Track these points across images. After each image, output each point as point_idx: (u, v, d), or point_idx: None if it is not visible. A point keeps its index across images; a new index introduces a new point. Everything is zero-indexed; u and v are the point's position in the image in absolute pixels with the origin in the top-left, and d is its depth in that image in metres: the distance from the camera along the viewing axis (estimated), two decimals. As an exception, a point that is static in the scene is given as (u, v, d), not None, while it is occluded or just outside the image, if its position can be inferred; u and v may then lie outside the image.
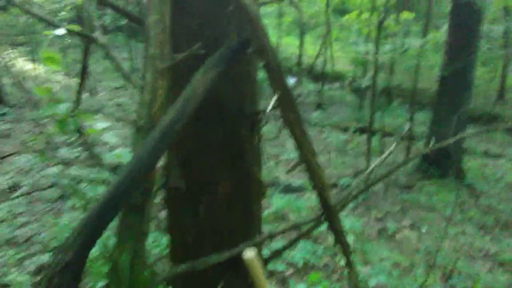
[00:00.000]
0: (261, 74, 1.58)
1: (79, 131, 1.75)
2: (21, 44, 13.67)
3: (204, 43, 1.39)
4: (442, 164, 7.00)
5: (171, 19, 1.36)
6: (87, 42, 2.04)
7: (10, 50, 12.97)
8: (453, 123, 6.00)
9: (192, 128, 1.48)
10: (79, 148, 5.21)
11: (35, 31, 12.20)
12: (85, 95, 10.36)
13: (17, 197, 3.86)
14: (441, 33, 7.72)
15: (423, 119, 11.78)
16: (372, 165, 1.64)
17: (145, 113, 1.15)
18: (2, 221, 4.46)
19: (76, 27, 1.80)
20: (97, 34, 1.85)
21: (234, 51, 1.35)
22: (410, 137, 7.74)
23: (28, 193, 3.72)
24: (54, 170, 5.15)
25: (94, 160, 1.66)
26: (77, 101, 2.18)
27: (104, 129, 1.96)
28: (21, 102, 9.17)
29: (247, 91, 1.58)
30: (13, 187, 4.96)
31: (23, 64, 12.31)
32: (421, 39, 7.73)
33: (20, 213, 4.57)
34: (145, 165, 1.05)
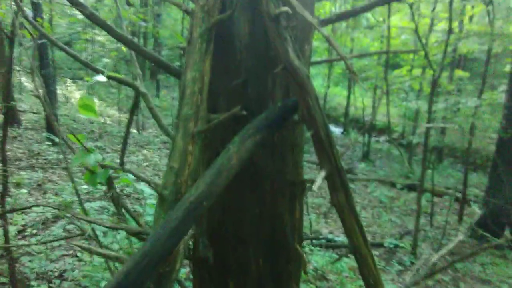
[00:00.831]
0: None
1: (109, 183, 1.63)
2: (80, 78, 14.47)
3: (246, 104, 1.25)
4: (499, 232, 6.41)
5: (212, 75, 1.23)
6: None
7: (70, 84, 13.74)
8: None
9: (225, 196, 1.32)
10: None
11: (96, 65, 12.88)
12: (133, 131, 10.65)
13: (57, 240, 3.80)
14: (497, 94, 7.40)
15: (476, 181, 11.10)
16: (439, 253, 1.39)
17: (172, 182, 1.00)
18: (39, 253, 4.43)
19: (116, 75, 1.73)
20: (138, 83, 1.76)
21: (277, 118, 1.19)
22: (463, 199, 7.23)
23: (65, 238, 3.66)
24: (97, 204, 5.15)
25: (120, 219, 1.54)
26: (125, 137, 2.11)
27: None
28: (73, 132, 9.51)
29: (289, 161, 1.40)
30: (54, 219, 4.97)
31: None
32: (476, 99, 7.39)
33: (58, 246, 4.54)
34: (163, 248, 0.89)
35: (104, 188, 5.37)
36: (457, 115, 8.34)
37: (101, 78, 1.74)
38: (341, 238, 6.03)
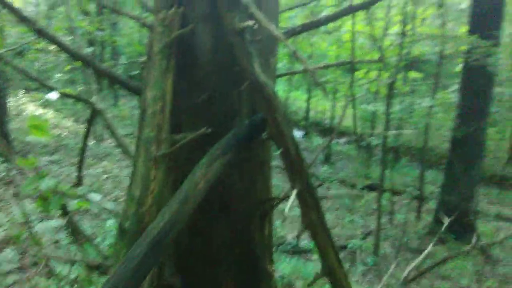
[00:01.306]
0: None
1: (64, 210, 1.52)
2: (34, 90, 13.78)
3: (212, 121, 1.18)
4: (456, 228, 6.65)
5: (174, 91, 1.16)
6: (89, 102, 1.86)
7: (23, 95, 13.07)
8: (469, 185, 5.76)
9: (192, 218, 1.24)
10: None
11: (49, 77, 12.34)
12: (92, 142, 10.25)
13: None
14: (449, 93, 7.68)
15: (431, 178, 11.49)
16: (412, 264, 1.39)
17: (133, 212, 0.92)
18: (-9, 281, 4.13)
19: (70, 91, 1.62)
20: (95, 99, 1.66)
21: (246, 135, 1.13)
22: (420, 197, 7.46)
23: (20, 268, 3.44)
24: (53, 223, 4.89)
25: (78, 243, 1.42)
26: (82, 149, 1.99)
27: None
28: (26, 148, 9.04)
29: (258, 178, 1.35)
30: (6, 241, 4.67)
31: (34, 109, 12.33)
32: (429, 99, 7.64)
33: (12, 272, 4.26)
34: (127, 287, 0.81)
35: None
36: (412, 115, 8.58)
37: (54, 95, 1.63)
38: (306, 241, 6.04)
